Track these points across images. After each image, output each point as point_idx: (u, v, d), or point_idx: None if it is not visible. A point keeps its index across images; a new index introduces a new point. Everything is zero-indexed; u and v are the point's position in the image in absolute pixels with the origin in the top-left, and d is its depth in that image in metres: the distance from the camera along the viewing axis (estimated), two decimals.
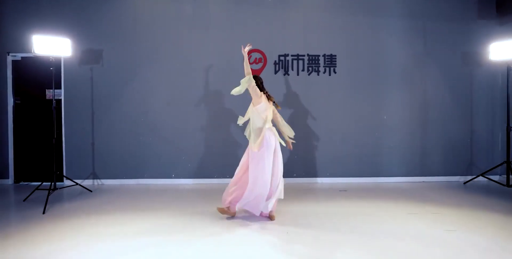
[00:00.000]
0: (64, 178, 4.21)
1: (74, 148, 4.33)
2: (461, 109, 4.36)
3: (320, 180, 4.35)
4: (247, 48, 2.92)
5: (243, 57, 2.92)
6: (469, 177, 4.23)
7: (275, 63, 4.30)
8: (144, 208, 3.31)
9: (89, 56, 4.28)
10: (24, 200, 3.58)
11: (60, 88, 4.32)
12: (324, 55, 4.29)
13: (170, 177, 4.39)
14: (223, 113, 4.32)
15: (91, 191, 3.95)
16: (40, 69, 4.29)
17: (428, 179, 4.35)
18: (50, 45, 3.42)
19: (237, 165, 4.28)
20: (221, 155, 4.35)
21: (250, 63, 4.24)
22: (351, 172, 4.36)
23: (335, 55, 4.29)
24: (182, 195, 3.81)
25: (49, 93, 4.38)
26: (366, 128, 4.34)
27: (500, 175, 4.23)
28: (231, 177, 4.30)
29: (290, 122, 4.33)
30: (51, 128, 3.83)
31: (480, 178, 4.13)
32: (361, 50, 4.31)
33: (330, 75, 4.31)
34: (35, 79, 4.37)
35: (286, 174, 4.31)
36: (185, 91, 4.34)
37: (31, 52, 3.40)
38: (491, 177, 4.08)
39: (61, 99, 4.33)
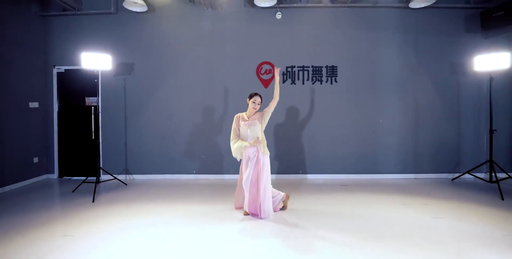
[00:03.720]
0: (102, 173, 4.91)
1: (109, 147, 5.01)
2: (450, 114, 4.79)
3: (322, 176, 4.89)
4: (278, 72, 3.34)
5: (275, 79, 3.29)
6: (457, 174, 4.70)
7: (283, 74, 4.85)
8: (175, 198, 3.96)
9: (123, 68, 4.96)
10: (73, 191, 4.29)
11: (97, 96, 5.01)
12: (326, 66, 4.80)
13: (192, 173, 5.02)
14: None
15: (126, 184, 4.63)
16: (81, 80, 5.00)
17: (420, 176, 4.82)
18: (95, 60, 4.09)
19: None
20: None
21: (261, 74, 4.87)
22: (350, 169, 4.88)
23: (336, 66, 4.80)
24: (203, 188, 4.43)
25: (88, 100, 5.07)
26: (364, 130, 4.84)
27: (485, 172, 4.68)
28: None
29: (297, 125, 4.90)
30: (91, 130, 4.52)
31: (466, 176, 4.61)
32: (359, 61, 4.80)
33: (331, 84, 4.82)
34: (76, 88, 5.07)
35: (292, 171, 4.93)
36: (204, 99, 4.94)
37: (79, 66, 4.08)
38: (477, 174, 4.55)
39: (98, 106, 5.02)
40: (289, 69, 4.85)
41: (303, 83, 4.85)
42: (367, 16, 4.78)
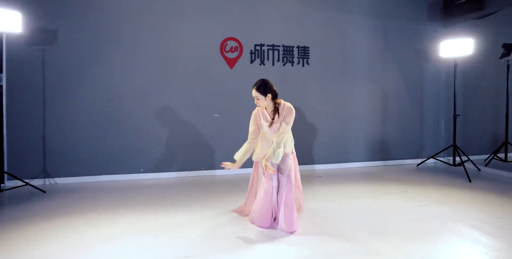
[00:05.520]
0: (6, 178, 3.60)
1: (19, 142, 3.70)
2: (414, 100, 4.89)
3: None
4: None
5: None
6: (420, 160, 4.82)
7: (251, 53, 4.27)
8: (121, 206, 3.01)
9: (41, 35, 3.69)
10: None
11: (1, 72, 3.66)
12: (298, 47, 4.40)
13: (138, 172, 4.07)
14: (198, 102, 4.16)
15: (44, 191, 3.43)
16: None
17: (388, 163, 4.81)
18: None
19: (213, 156, 4.21)
20: (195, 147, 4.19)
21: (225, 51, 4.21)
22: (321, 159, 4.59)
23: (308, 47, 4.43)
24: (158, 191, 3.56)
25: None
26: (335, 117, 4.60)
27: (443, 157, 4.88)
28: (206, 169, 4.23)
29: None
30: None
31: (430, 160, 4.76)
32: (331, 43, 4.52)
33: (303, 66, 4.44)
34: None
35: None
36: (155, 80, 4.04)
37: None
38: (440, 158, 4.74)
39: (1, 85, 3.67)
40: (258, 48, 4.29)
41: (273, 64, 4.35)
42: None
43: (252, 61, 4.28)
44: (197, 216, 2.70)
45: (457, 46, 4.04)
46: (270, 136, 2.52)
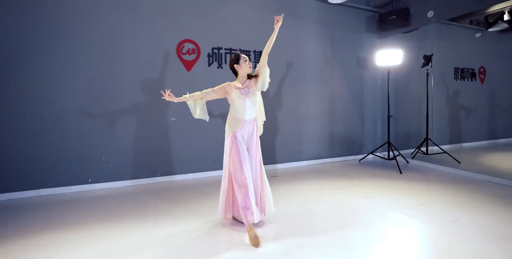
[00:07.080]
0: None
1: None
2: (356, 103, 5.42)
3: None
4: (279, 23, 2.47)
5: (274, 32, 2.48)
6: (362, 156, 5.38)
7: (208, 56, 4.22)
8: (71, 224, 2.74)
9: None
10: None
11: None
12: (254, 51, 4.50)
13: (86, 182, 3.72)
14: (153, 105, 3.97)
15: None
16: None
17: (335, 160, 5.25)
18: None
19: (171, 161, 4.06)
20: (151, 152, 4.00)
21: (182, 54, 4.09)
22: (277, 159, 4.79)
23: None
24: (111, 204, 3.30)
25: None
26: (289, 119, 4.83)
27: (380, 152, 5.54)
28: (162, 176, 4.06)
29: (222, 115, 4.39)
30: None
31: (369, 156, 5.34)
32: (284, 49, 4.73)
33: None
34: None
35: (219, 166, 4.34)
36: (106, 79, 3.74)
37: None
38: (377, 154, 5.35)
39: None
40: (216, 51, 4.26)
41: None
42: (290, 5, 4.75)
43: (210, 64, 4.24)
44: (156, 233, 2.49)
45: (389, 56, 4.62)
46: (242, 108, 2.49)
